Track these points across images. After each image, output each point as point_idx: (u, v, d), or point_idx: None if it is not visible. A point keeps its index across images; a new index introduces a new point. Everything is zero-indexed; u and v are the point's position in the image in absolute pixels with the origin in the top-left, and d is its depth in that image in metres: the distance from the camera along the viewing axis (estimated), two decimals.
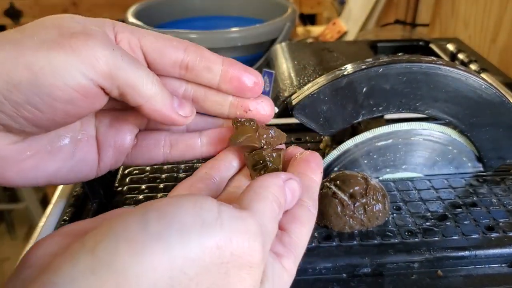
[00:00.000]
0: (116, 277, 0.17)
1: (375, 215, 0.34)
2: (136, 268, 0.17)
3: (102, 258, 0.17)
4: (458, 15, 0.85)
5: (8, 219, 1.86)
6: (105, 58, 0.23)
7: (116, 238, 0.17)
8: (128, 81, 0.25)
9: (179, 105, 0.28)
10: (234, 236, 0.19)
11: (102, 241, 0.17)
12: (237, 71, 0.29)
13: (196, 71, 0.29)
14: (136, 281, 0.17)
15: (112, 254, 0.17)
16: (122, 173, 0.43)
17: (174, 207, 0.19)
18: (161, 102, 0.27)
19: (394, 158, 0.40)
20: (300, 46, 0.68)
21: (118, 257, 0.17)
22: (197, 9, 1.03)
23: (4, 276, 1.30)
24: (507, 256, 0.33)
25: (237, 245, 0.19)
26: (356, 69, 0.36)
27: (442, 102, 0.37)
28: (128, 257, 0.17)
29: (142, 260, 0.17)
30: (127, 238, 0.17)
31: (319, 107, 0.37)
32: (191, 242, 0.18)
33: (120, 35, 0.27)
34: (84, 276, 0.17)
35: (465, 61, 0.61)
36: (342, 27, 1.06)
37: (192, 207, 0.19)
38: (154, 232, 0.18)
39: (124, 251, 0.17)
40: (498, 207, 0.37)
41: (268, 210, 0.22)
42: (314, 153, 0.30)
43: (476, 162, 0.41)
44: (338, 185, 0.35)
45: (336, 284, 0.32)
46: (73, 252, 0.18)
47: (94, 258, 0.17)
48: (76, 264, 0.17)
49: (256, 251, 0.20)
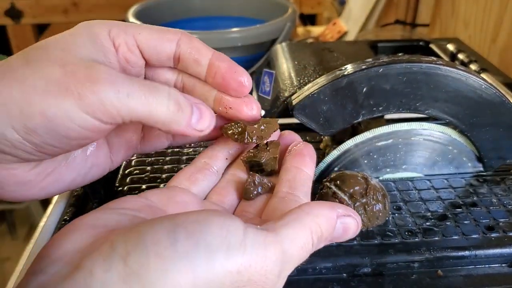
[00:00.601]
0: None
1: (375, 215, 0.34)
2: (163, 283, 0.18)
3: (133, 269, 0.18)
4: (458, 15, 0.85)
5: (9, 219, 1.86)
6: (111, 103, 0.23)
7: (147, 252, 0.19)
8: (139, 115, 0.24)
9: (198, 120, 0.27)
10: (254, 263, 0.20)
11: (134, 252, 0.19)
12: (223, 69, 0.29)
13: (186, 63, 0.29)
14: None
15: (143, 267, 0.18)
16: (123, 173, 0.43)
17: (202, 226, 0.20)
18: (177, 123, 0.26)
19: (394, 158, 0.40)
20: (301, 46, 0.68)
21: (148, 271, 0.18)
22: (197, 9, 1.03)
23: (4, 276, 1.30)
24: (507, 256, 0.33)
25: (255, 271, 0.20)
26: (356, 69, 0.36)
27: (442, 102, 0.37)
28: (158, 272, 0.18)
29: (170, 277, 0.18)
30: (157, 253, 0.19)
31: (319, 107, 0.37)
32: (215, 264, 0.19)
33: (117, 41, 0.27)
34: (117, 284, 0.18)
35: (465, 61, 0.61)
36: (342, 27, 1.06)
37: (220, 229, 0.20)
38: (182, 251, 0.19)
39: (155, 266, 0.18)
40: (498, 207, 0.37)
41: (301, 240, 0.22)
42: (308, 146, 0.31)
43: (476, 162, 0.41)
44: (338, 185, 0.35)
45: (336, 284, 0.32)
46: (105, 256, 0.19)
47: (126, 268, 0.18)
48: (108, 270, 0.18)
49: (270, 279, 0.21)
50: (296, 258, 0.22)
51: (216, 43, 0.78)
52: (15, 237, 1.54)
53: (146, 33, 0.28)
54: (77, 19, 1.69)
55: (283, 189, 0.29)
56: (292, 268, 0.22)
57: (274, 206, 0.28)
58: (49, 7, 1.89)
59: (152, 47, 0.28)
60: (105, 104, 0.23)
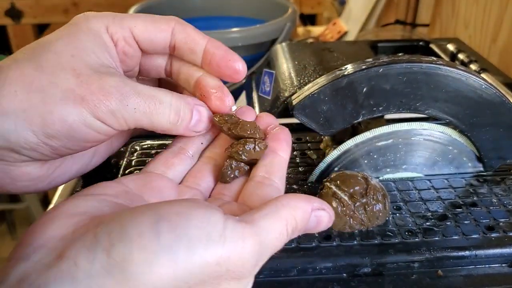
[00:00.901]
0: (128, 282, 0.19)
1: (375, 215, 0.34)
2: (146, 276, 0.19)
3: (117, 261, 0.19)
4: (458, 15, 0.85)
5: (9, 219, 1.86)
6: (121, 115, 0.26)
7: (131, 244, 0.19)
8: (143, 124, 0.27)
9: (197, 123, 0.30)
10: (232, 254, 0.21)
11: (117, 244, 0.19)
12: (218, 56, 0.30)
13: (181, 51, 0.31)
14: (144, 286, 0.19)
15: (126, 259, 0.19)
16: (123, 172, 0.43)
17: (184, 219, 0.21)
18: (176, 130, 0.29)
19: (394, 158, 0.40)
20: (301, 46, 0.68)
21: (132, 263, 0.19)
22: (197, 9, 1.03)
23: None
24: (507, 256, 0.33)
25: (233, 262, 0.21)
26: (357, 69, 0.36)
27: (442, 102, 0.37)
28: (141, 264, 0.19)
29: (152, 270, 0.19)
30: (141, 245, 0.19)
31: (320, 107, 0.37)
32: (196, 256, 0.20)
33: (115, 36, 0.29)
34: (101, 275, 0.19)
35: (465, 61, 0.61)
36: (343, 27, 1.06)
37: (201, 221, 0.21)
38: (165, 244, 0.20)
39: (138, 258, 0.19)
40: (498, 207, 0.37)
41: (277, 231, 0.23)
42: (284, 130, 0.32)
43: (476, 162, 0.41)
44: (338, 185, 0.35)
45: (337, 284, 0.32)
46: (88, 246, 0.19)
47: (110, 260, 0.19)
48: (92, 261, 0.19)
49: (246, 269, 0.22)
50: (271, 248, 0.23)
51: None
52: (15, 237, 1.54)
53: (141, 25, 0.29)
54: None
55: (259, 173, 0.29)
56: (267, 257, 0.23)
57: (250, 190, 0.29)
58: (49, 7, 1.89)
59: (148, 39, 0.30)
60: (115, 115, 0.26)
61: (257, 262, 0.22)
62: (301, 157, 0.45)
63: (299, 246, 0.33)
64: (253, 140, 0.30)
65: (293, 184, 0.40)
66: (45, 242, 0.21)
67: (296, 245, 0.33)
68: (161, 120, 0.28)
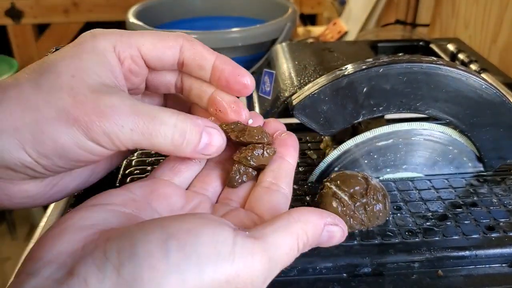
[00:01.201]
0: None
1: (376, 215, 0.34)
2: None
3: (127, 280, 0.19)
4: (458, 15, 0.85)
5: (9, 219, 1.86)
6: (116, 136, 0.25)
7: (140, 263, 0.19)
8: (142, 145, 0.26)
9: (206, 146, 0.28)
10: (241, 272, 0.21)
11: (127, 263, 0.19)
12: (227, 72, 0.30)
13: (190, 68, 0.30)
14: None
15: (136, 278, 0.19)
16: (123, 173, 0.43)
17: (193, 237, 0.21)
18: (182, 152, 0.27)
19: (394, 158, 0.40)
20: (301, 46, 0.68)
21: (142, 283, 0.19)
22: (198, 9, 1.03)
23: (5, 276, 1.30)
24: (507, 256, 0.33)
25: (242, 280, 0.21)
26: (357, 69, 0.36)
27: (443, 102, 0.37)
28: (150, 284, 0.19)
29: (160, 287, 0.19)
30: (150, 265, 0.19)
31: (320, 107, 0.37)
32: (205, 275, 0.20)
33: (122, 55, 0.28)
34: None
35: (466, 61, 0.61)
36: (343, 27, 1.06)
37: (211, 239, 0.21)
38: (174, 263, 0.20)
39: (148, 278, 0.19)
40: (498, 207, 0.37)
41: (287, 246, 0.23)
42: (292, 136, 0.32)
43: (477, 162, 0.41)
44: (338, 185, 0.35)
45: (337, 284, 0.32)
46: (98, 264, 0.20)
47: (120, 279, 0.19)
48: (102, 280, 0.19)
49: (256, 281, 0.22)
50: (281, 264, 0.23)
51: (216, 43, 0.78)
52: (15, 237, 1.54)
53: (149, 43, 0.29)
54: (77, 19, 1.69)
55: (267, 179, 0.29)
56: (276, 273, 0.23)
57: (257, 196, 0.29)
58: (49, 7, 1.89)
59: (156, 57, 0.29)
60: (110, 137, 0.25)
61: (265, 279, 0.22)
62: (301, 157, 0.45)
63: None
64: (261, 146, 0.30)
65: (293, 184, 0.40)
66: (55, 257, 0.21)
67: None
68: (162, 142, 0.26)
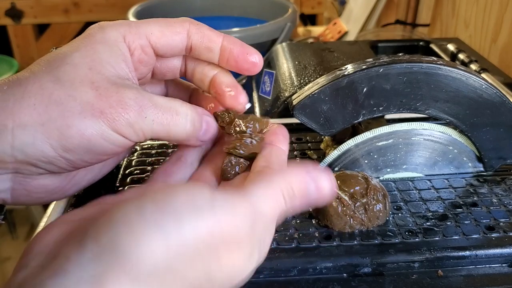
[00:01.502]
0: (119, 261, 0.18)
1: (376, 215, 0.34)
2: (138, 254, 0.19)
3: (106, 245, 0.19)
4: (458, 15, 0.85)
5: (9, 219, 1.85)
6: (139, 127, 0.26)
7: (117, 226, 0.19)
8: (160, 135, 0.28)
9: (205, 133, 0.30)
10: (224, 222, 0.21)
11: (105, 231, 0.19)
12: (235, 52, 0.30)
13: (198, 51, 0.31)
14: (136, 263, 0.18)
15: (114, 241, 0.19)
16: (123, 173, 0.43)
17: (168, 196, 0.20)
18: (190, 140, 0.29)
19: (394, 158, 0.40)
20: (301, 46, 0.68)
21: (120, 245, 0.19)
22: (198, 9, 1.03)
23: (5, 276, 1.30)
24: (507, 256, 0.33)
25: (227, 230, 0.21)
26: (357, 69, 0.36)
27: (443, 102, 0.37)
28: (130, 244, 0.19)
29: (142, 247, 0.19)
30: (128, 227, 0.19)
31: (320, 107, 0.37)
32: (185, 228, 0.20)
33: (132, 46, 0.29)
34: (92, 262, 0.18)
35: (466, 61, 0.61)
36: (343, 27, 1.06)
37: (186, 194, 0.21)
38: (150, 219, 0.19)
39: (126, 239, 0.19)
40: (498, 207, 0.37)
41: (271, 198, 0.23)
42: (281, 127, 0.32)
43: (477, 162, 0.41)
44: (338, 185, 0.35)
45: (337, 284, 0.32)
46: (79, 241, 0.19)
47: (99, 246, 0.19)
48: (83, 252, 0.19)
49: (243, 234, 0.21)
50: (269, 215, 0.23)
51: None
52: (15, 237, 1.54)
53: (157, 31, 0.29)
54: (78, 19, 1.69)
55: (260, 164, 0.29)
56: (266, 224, 0.23)
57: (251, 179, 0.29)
58: (50, 7, 1.89)
59: (166, 44, 0.30)
60: (134, 127, 0.26)
61: (252, 225, 0.22)
62: (301, 157, 0.45)
63: (299, 246, 0.33)
64: (249, 134, 0.30)
65: None
66: (43, 248, 0.21)
67: (296, 245, 0.33)
68: (178, 131, 0.28)
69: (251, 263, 0.22)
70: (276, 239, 0.34)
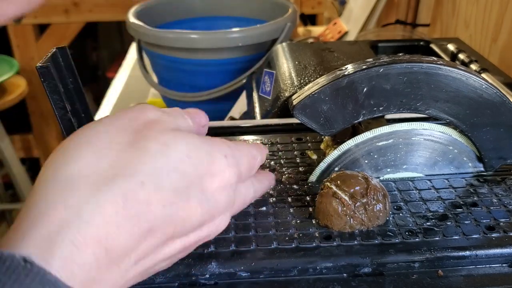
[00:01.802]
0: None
1: (376, 215, 0.34)
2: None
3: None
4: (458, 15, 0.85)
5: (9, 219, 1.86)
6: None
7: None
8: None
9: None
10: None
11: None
12: None
13: None
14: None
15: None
16: None
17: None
18: None
19: (394, 158, 0.40)
20: (301, 46, 0.68)
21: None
22: (198, 9, 1.03)
23: None
24: (507, 256, 0.33)
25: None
26: (357, 69, 0.36)
27: (443, 102, 0.37)
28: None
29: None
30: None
31: (320, 107, 0.37)
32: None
33: None
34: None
35: (466, 61, 0.61)
36: (343, 27, 1.06)
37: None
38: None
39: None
40: (498, 207, 0.37)
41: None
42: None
43: (477, 162, 0.41)
44: (338, 185, 0.35)
45: (337, 284, 0.32)
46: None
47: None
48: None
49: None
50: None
51: (217, 43, 0.78)
52: None
53: None
54: (77, 19, 1.69)
55: None
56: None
57: None
58: (50, 7, 1.89)
59: None
60: None
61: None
62: (301, 157, 0.45)
63: (299, 246, 0.33)
64: None
65: (293, 184, 0.40)
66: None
67: (296, 245, 0.33)
68: None
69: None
70: (276, 239, 0.34)
